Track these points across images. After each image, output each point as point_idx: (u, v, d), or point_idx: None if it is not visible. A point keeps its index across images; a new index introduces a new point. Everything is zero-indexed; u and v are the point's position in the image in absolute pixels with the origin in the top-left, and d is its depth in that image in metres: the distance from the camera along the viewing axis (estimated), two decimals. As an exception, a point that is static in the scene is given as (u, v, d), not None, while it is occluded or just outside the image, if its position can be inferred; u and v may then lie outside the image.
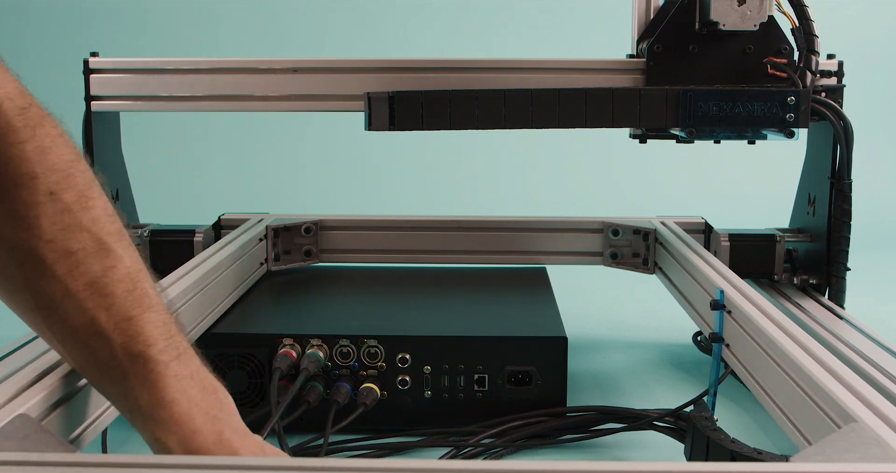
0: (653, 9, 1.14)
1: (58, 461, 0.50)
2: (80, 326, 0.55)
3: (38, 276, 0.55)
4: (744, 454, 0.65)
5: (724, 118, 1.00)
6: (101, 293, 0.55)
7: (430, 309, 1.10)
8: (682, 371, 1.21)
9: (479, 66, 1.10)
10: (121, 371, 0.56)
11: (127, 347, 0.56)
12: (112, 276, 0.56)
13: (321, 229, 1.31)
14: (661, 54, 1.07)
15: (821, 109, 1.06)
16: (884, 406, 0.61)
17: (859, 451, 0.55)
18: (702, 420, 0.72)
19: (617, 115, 1.00)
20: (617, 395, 1.12)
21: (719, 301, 0.88)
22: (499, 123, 1.00)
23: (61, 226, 0.55)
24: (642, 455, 0.93)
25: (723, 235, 1.21)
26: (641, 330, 1.43)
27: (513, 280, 1.24)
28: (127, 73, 1.13)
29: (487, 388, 0.96)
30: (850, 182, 1.10)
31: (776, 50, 1.05)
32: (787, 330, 0.77)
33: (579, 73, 1.10)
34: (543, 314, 1.05)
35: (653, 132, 1.15)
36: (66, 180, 0.55)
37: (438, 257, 1.32)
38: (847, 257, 1.12)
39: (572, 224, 1.30)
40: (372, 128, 1.02)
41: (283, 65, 1.12)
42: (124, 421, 0.60)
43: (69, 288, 0.55)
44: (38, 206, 0.54)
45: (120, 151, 1.24)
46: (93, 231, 0.56)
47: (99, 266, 0.56)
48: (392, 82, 1.09)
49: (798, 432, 0.68)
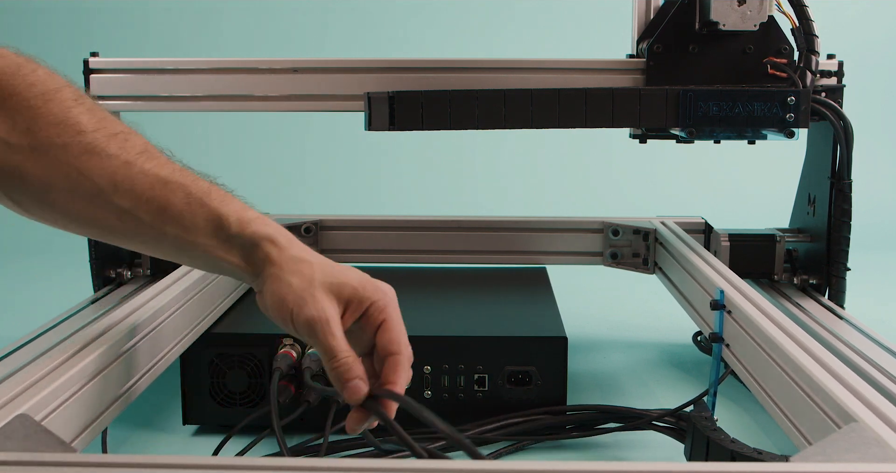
0: (653, 9, 1.14)
1: (58, 461, 0.50)
2: (146, 185, 0.67)
3: (99, 160, 0.66)
4: (744, 454, 0.65)
5: (724, 118, 1.00)
6: (152, 156, 0.69)
7: (431, 309, 1.10)
8: (682, 371, 1.21)
9: (479, 66, 1.10)
10: (197, 200, 0.68)
11: (193, 187, 0.68)
12: (152, 146, 0.70)
13: (321, 229, 1.31)
14: (661, 54, 1.07)
15: (821, 109, 1.06)
16: (884, 406, 0.61)
17: (859, 451, 0.55)
18: (702, 420, 0.72)
19: (617, 115, 1.00)
20: (617, 395, 1.12)
21: (719, 301, 0.88)
22: (499, 123, 1.00)
23: (97, 119, 0.67)
24: (642, 455, 0.93)
25: (723, 235, 1.21)
26: (641, 330, 1.43)
27: (513, 280, 1.24)
28: (127, 73, 1.13)
29: (487, 388, 0.96)
30: (850, 182, 1.10)
31: (776, 50, 1.05)
32: (787, 330, 0.77)
33: (579, 73, 1.10)
34: (543, 314, 1.05)
35: (653, 132, 1.15)
36: (76, 91, 0.68)
37: (438, 257, 1.32)
38: (847, 257, 1.12)
39: (572, 224, 1.30)
40: (372, 128, 1.02)
41: (283, 65, 1.12)
42: (124, 421, 0.60)
43: (128, 159, 0.67)
44: (72, 108, 0.67)
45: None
46: (118, 120, 0.70)
47: (141, 140, 0.69)
48: (392, 82, 1.09)
49: (798, 432, 0.68)
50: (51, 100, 0.65)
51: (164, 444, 0.96)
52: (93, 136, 0.66)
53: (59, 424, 0.62)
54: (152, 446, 0.95)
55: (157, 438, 0.97)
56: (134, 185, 0.66)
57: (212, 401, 0.96)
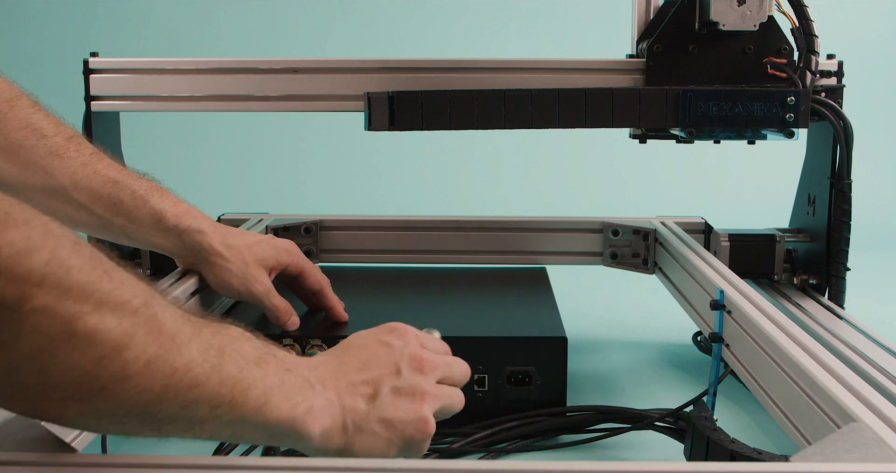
0: (653, 9, 1.14)
1: (58, 461, 0.50)
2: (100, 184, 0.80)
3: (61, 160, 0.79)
4: (744, 454, 0.65)
5: (723, 118, 1.00)
6: (100, 157, 0.82)
7: (430, 309, 1.10)
8: (682, 371, 1.21)
9: (479, 66, 1.10)
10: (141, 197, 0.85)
11: (136, 185, 0.85)
12: (97, 149, 0.83)
13: (321, 229, 1.31)
14: (660, 54, 1.07)
15: (820, 109, 1.06)
16: (884, 406, 0.61)
17: (859, 451, 0.55)
18: (702, 420, 0.72)
19: (617, 115, 1.00)
20: (617, 395, 1.12)
21: (719, 301, 0.88)
22: (499, 123, 1.00)
23: (53, 124, 0.78)
24: (642, 455, 0.93)
25: (723, 235, 1.21)
26: (641, 330, 1.42)
27: (513, 280, 1.24)
28: (127, 73, 1.13)
29: (487, 388, 0.96)
30: (850, 182, 1.10)
31: (776, 50, 1.05)
32: (787, 330, 0.77)
33: (579, 73, 1.10)
34: (543, 313, 1.05)
35: (653, 132, 1.15)
36: (29, 99, 0.78)
37: (438, 257, 1.32)
38: (847, 257, 1.12)
39: (572, 224, 1.30)
40: (372, 128, 1.02)
41: (283, 65, 1.12)
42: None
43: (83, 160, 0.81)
44: (32, 114, 0.76)
45: (120, 151, 1.24)
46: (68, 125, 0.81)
47: (88, 144, 0.82)
48: (392, 82, 1.09)
49: (798, 432, 0.68)
50: (14, 106, 0.75)
51: (164, 444, 0.96)
52: (54, 140, 0.77)
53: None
54: (152, 446, 0.95)
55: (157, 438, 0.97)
56: (91, 183, 0.79)
57: (212, 401, 0.96)
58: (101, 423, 0.46)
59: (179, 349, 0.45)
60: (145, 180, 0.85)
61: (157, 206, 0.85)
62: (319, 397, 0.52)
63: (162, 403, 0.44)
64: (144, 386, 0.43)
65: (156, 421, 0.46)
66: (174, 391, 0.44)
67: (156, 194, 0.85)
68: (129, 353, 0.42)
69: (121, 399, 0.43)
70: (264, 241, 0.93)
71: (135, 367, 0.42)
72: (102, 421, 0.46)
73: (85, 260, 0.40)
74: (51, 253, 0.38)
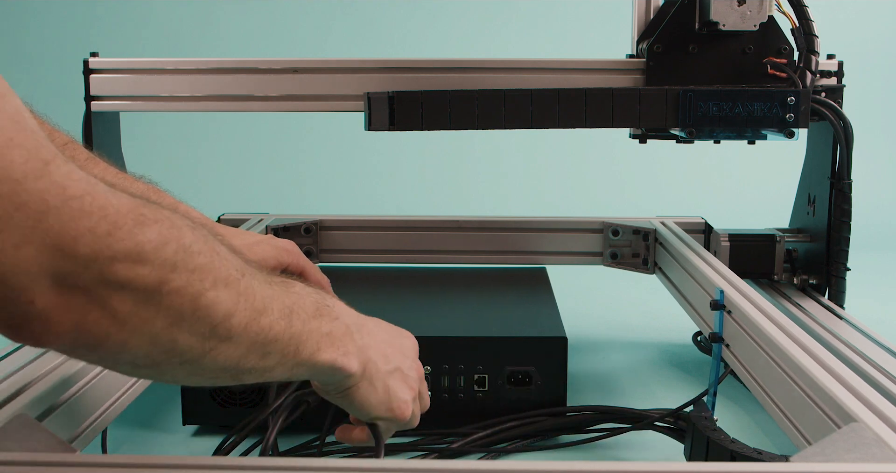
0: (653, 9, 1.14)
1: (58, 461, 0.50)
2: None
3: None
4: (744, 454, 0.65)
5: (723, 118, 1.00)
6: (96, 163, 0.78)
7: (430, 309, 1.10)
8: (682, 371, 1.21)
9: (479, 66, 1.10)
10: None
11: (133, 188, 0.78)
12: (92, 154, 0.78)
13: (321, 229, 1.31)
14: (660, 54, 1.07)
15: (820, 109, 1.06)
16: (884, 406, 0.61)
17: (859, 451, 0.55)
18: (702, 420, 0.72)
19: (617, 115, 1.00)
20: (617, 395, 1.12)
21: (719, 301, 0.88)
22: (499, 123, 1.00)
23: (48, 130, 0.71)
24: (642, 455, 0.93)
25: (723, 235, 1.21)
26: (641, 330, 1.43)
27: (513, 280, 1.24)
28: (127, 73, 1.13)
29: (487, 388, 0.96)
30: (850, 182, 1.10)
31: (776, 50, 1.05)
32: (787, 330, 0.77)
33: (579, 73, 1.10)
34: (543, 313, 1.05)
35: (653, 132, 1.15)
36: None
37: (438, 257, 1.32)
38: (847, 257, 1.12)
39: (572, 224, 1.30)
40: (372, 128, 1.02)
41: (283, 65, 1.12)
42: (124, 421, 0.60)
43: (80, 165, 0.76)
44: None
45: (120, 151, 1.24)
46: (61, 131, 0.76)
47: (82, 148, 0.76)
48: (392, 82, 1.09)
49: (798, 432, 0.68)
50: None
51: (163, 444, 0.96)
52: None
53: (59, 424, 0.62)
54: (152, 446, 0.95)
55: (156, 438, 0.97)
56: None
57: (212, 401, 0.96)
58: (203, 378, 0.53)
59: (265, 311, 0.52)
60: (142, 183, 0.86)
61: None
62: (355, 344, 0.63)
63: (248, 357, 0.52)
64: (241, 345, 0.51)
65: (239, 373, 0.53)
66: (260, 347, 0.52)
67: (152, 197, 0.87)
68: (235, 319, 0.49)
69: (223, 358, 0.50)
70: (264, 241, 0.94)
71: (237, 330, 0.50)
72: (204, 377, 0.53)
73: (201, 244, 0.48)
74: (178, 243, 0.46)
